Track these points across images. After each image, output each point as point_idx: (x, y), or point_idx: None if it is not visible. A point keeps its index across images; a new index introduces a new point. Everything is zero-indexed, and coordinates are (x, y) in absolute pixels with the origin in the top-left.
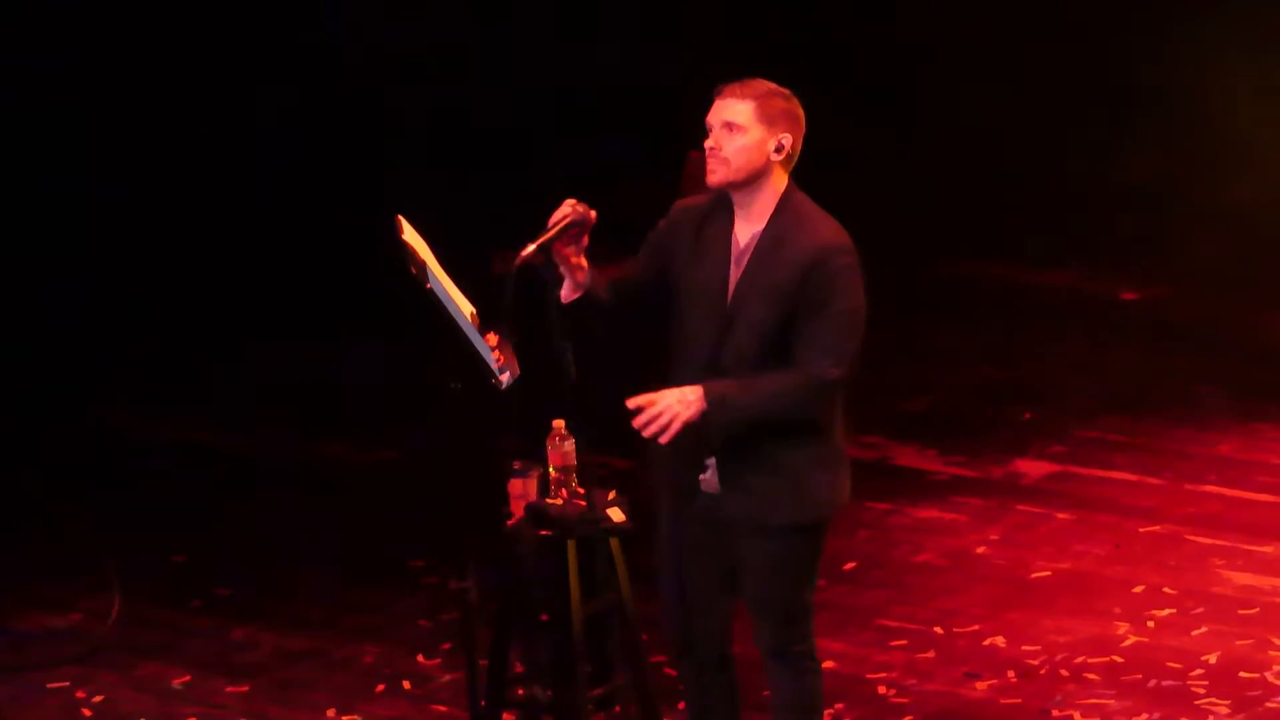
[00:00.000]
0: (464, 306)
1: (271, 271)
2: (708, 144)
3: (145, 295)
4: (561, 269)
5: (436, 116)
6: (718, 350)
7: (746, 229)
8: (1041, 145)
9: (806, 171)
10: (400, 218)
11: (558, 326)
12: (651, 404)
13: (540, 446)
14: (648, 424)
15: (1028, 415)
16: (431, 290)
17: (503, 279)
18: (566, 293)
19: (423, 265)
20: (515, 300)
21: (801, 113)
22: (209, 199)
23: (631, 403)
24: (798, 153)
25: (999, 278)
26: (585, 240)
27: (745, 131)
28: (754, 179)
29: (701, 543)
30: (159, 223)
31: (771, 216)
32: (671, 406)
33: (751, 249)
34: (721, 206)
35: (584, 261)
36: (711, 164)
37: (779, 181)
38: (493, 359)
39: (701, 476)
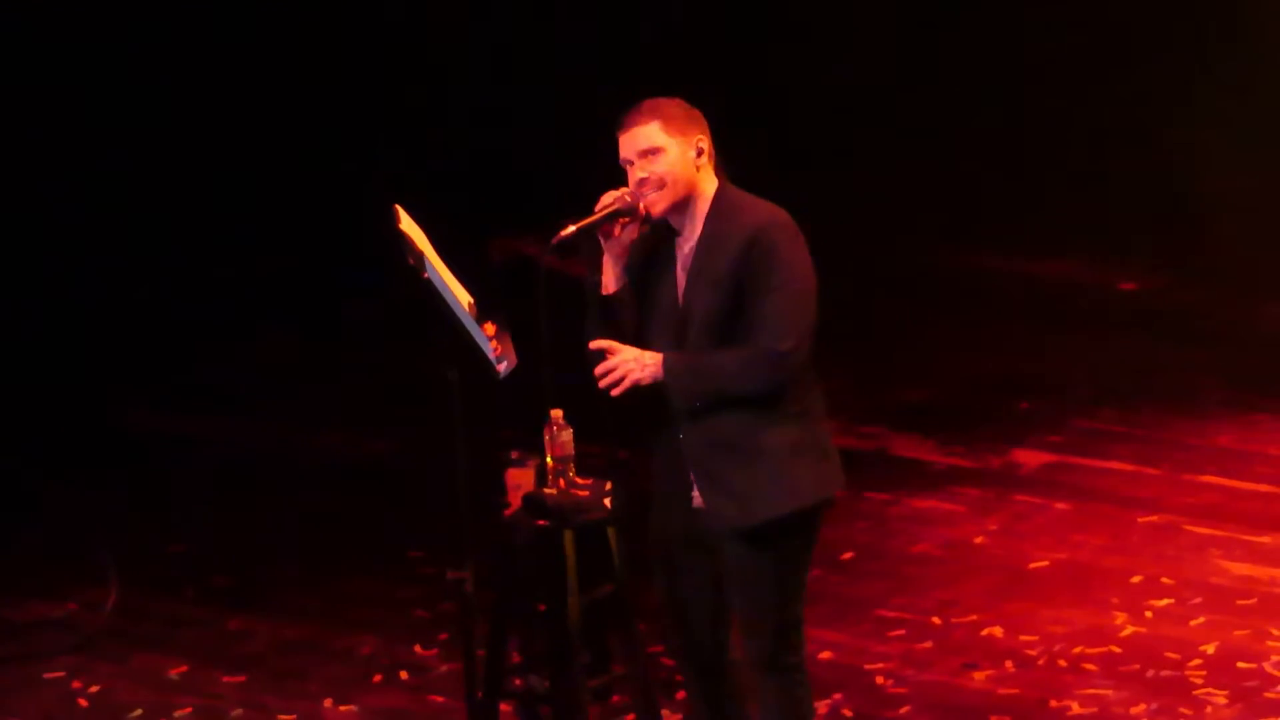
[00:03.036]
0: (461, 296)
1: (270, 262)
2: (636, 179)
3: (144, 286)
4: (607, 255)
5: (437, 106)
6: (680, 350)
7: (690, 235)
8: (1040, 135)
9: (810, 166)
10: (398, 207)
11: (591, 317)
12: (615, 352)
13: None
14: (604, 374)
15: (1026, 405)
16: (429, 280)
17: (501, 268)
18: (609, 283)
19: (420, 255)
20: (547, 281)
21: (699, 112)
22: (207, 191)
23: (595, 344)
24: (713, 149)
25: (997, 268)
26: (634, 232)
27: (664, 150)
28: (690, 191)
29: (692, 556)
30: (158, 213)
31: (709, 216)
32: (627, 363)
33: (694, 249)
34: (661, 221)
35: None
36: (652, 197)
37: (709, 183)
38: (490, 349)
39: (693, 493)
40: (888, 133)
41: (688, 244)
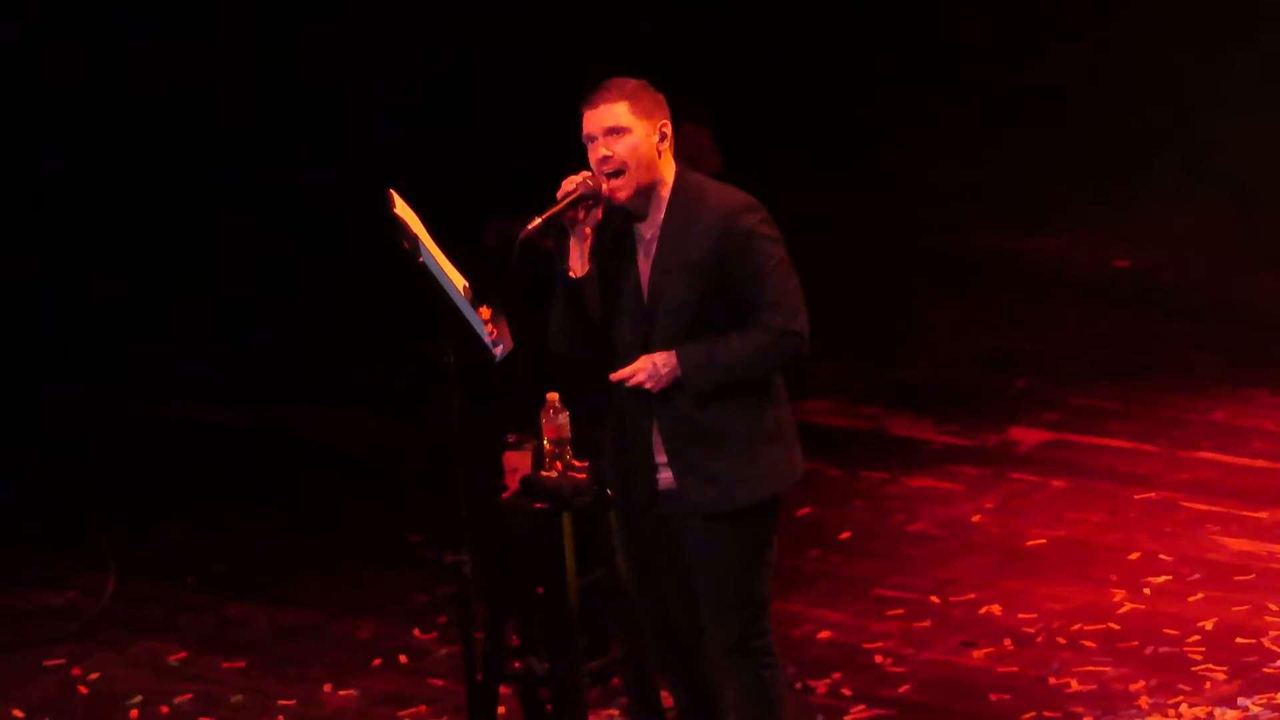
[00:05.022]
0: (456, 280)
1: (273, 246)
2: (599, 156)
3: (148, 270)
4: (573, 241)
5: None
6: (646, 343)
7: (649, 221)
8: (1035, 112)
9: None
10: (392, 192)
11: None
12: (626, 375)
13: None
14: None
15: (1022, 383)
16: (424, 264)
17: (495, 251)
18: (576, 267)
19: (415, 239)
20: (518, 273)
21: (663, 96)
22: (207, 174)
23: (614, 376)
24: (673, 135)
25: (991, 245)
26: (598, 214)
27: (630, 131)
28: (653, 176)
29: (663, 547)
30: (161, 198)
31: (670, 201)
32: (643, 384)
33: (657, 237)
34: (617, 210)
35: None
36: (614, 182)
37: (669, 168)
38: (486, 332)
39: (659, 475)
40: (884, 112)
41: (649, 231)
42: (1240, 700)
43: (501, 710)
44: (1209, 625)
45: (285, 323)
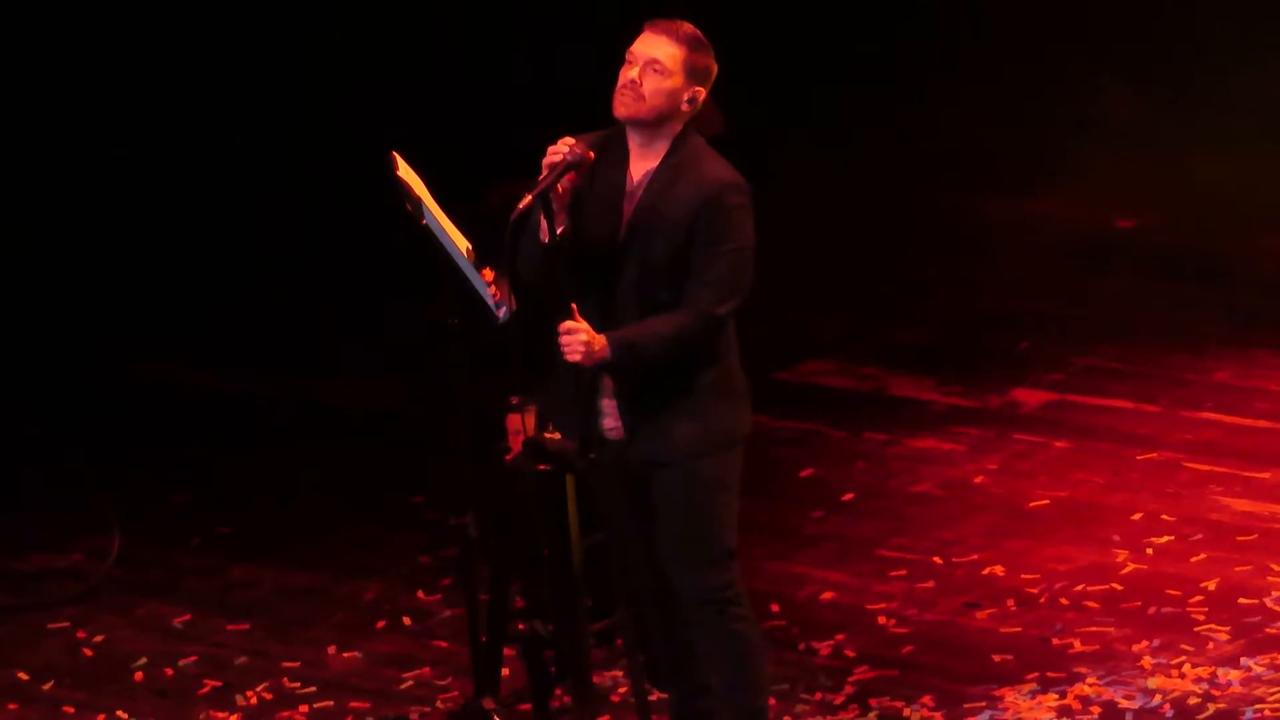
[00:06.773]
0: (460, 242)
1: (275, 208)
2: (628, 75)
3: (144, 236)
4: (555, 208)
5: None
6: (610, 285)
7: (640, 166)
8: (1031, 72)
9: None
10: (395, 154)
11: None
12: (571, 327)
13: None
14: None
15: (1024, 344)
16: (427, 226)
17: (498, 213)
18: (547, 233)
19: (418, 201)
20: (512, 250)
21: (716, 69)
22: (206, 141)
23: (564, 326)
24: (700, 106)
25: (993, 206)
26: (577, 178)
27: (669, 76)
28: (660, 121)
29: (617, 492)
30: (162, 163)
31: (666, 155)
32: (576, 349)
33: (645, 185)
34: (614, 143)
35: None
36: (624, 97)
37: (678, 125)
38: (489, 294)
39: (605, 424)
40: (883, 73)
41: (638, 175)
42: (1243, 660)
43: (506, 672)
44: (1212, 586)
45: (287, 282)
